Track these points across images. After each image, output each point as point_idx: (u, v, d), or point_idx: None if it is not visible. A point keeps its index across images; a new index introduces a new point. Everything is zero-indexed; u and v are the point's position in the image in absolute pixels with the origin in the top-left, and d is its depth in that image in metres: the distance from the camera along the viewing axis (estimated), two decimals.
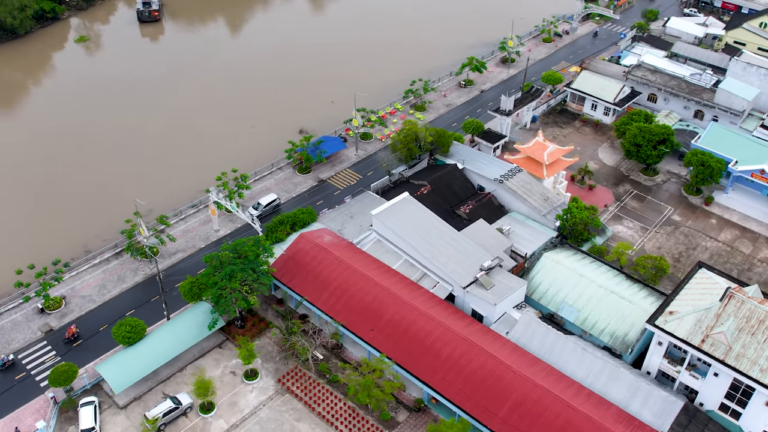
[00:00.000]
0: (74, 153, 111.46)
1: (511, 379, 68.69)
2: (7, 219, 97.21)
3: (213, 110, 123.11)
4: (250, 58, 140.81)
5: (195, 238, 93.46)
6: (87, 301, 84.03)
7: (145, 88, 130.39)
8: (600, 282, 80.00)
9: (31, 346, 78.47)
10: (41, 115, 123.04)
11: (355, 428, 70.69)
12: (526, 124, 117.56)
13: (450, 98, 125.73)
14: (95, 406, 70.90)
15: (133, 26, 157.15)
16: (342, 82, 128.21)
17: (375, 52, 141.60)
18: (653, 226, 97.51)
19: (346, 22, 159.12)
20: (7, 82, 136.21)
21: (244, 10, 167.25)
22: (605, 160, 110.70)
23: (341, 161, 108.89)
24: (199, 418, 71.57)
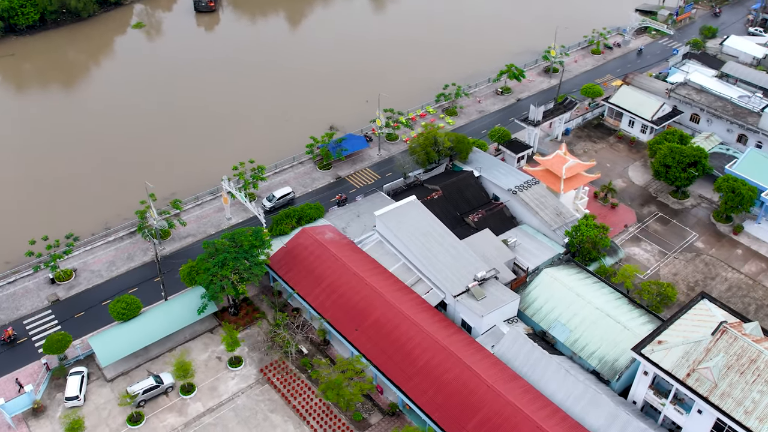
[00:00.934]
0: (118, 132, 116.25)
1: (484, 393, 67.33)
2: (43, 190, 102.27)
3: (252, 100, 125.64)
4: (298, 53, 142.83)
5: (207, 224, 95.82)
6: (95, 275, 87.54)
7: (192, 75, 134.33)
8: (597, 304, 77.34)
9: (36, 313, 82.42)
10: (95, 95, 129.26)
11: (327, 425, 70.96)
12: (557, 136, 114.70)
13: (484, 105, 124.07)
14: (83, 376, 73.83)
15: (189, 16, 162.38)
16: (379, 81, 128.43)
17: (416, 52, 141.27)
18: (673, 252, 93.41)
19: (396, 21, 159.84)
20: (70, 62, 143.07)
21: (304, 6, 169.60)
22: (635, 179, 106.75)
23: (363, 160, 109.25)
24: (179, 398, 73.44)
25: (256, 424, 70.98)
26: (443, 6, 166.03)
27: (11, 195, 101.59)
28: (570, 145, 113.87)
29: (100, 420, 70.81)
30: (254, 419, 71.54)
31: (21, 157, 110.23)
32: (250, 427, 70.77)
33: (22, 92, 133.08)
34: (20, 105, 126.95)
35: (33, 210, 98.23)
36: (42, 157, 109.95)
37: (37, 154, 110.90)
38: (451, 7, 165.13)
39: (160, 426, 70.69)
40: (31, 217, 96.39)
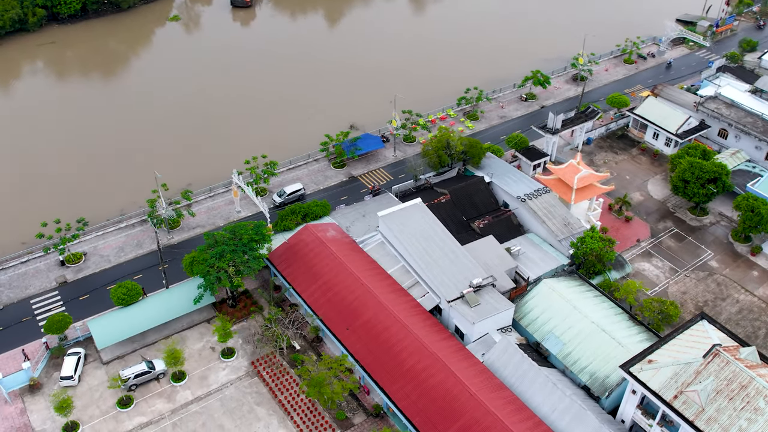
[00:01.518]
0: (147, 122, 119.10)
1: (466, 400, 66.64)
2: (69, 174, 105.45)
3: (277, 96, 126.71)
4: (329, 52, 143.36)
5: (217, 216, 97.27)
6: (104, 260, 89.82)
7: (222, 69, 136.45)
8: (594, 318, 75.70)
9: (44, 293, 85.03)
10: (129, 85, 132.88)
11: (310, 422, 71.28)
12: (578, 146, 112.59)
13: (507, 110, 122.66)
14: (79, 357, 75.83)
15: (226, 10, 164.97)
16: (405, 82, 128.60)
17: (444, 54, 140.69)
18: (684, 269, 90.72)
19: (431, 23, 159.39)
20: (109, 52, 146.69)
21: (343, 5, 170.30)
22: (653, 192, 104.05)
23: (377, 160, 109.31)
24: (169, 385, 74.77)
25: (240, 416, 71.78)
26: (480, 8, 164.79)
27: (38, 177, 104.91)
28: (590, 155, 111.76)
29: (92, 401, 72.65)
30: (239, 411, 72.34)
31: (53, 140, 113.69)
32: (234, 418, 71.62)
33: (63, 79, 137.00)
34: (60, 91, 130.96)
35: (55, 193, 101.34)
36: (73, 142, 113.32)
37: (68, 138, 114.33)
38: (485, 10, 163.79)
39: (148, 410, 72.11)
40: (52, 200, 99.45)
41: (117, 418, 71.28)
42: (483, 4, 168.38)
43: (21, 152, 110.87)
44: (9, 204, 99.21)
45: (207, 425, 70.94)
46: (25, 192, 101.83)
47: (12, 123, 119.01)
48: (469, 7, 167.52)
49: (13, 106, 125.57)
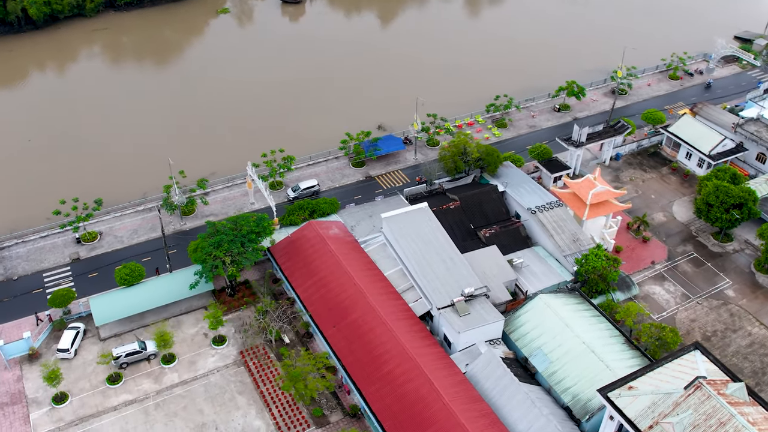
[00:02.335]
0: (187, 110, 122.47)
1: (438, 409, 65.88)
2: (107, 154, 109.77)
3: (311, 92, 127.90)
4: (369, 51, 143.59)
5: (230, 206, 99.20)
6: (117, 241, 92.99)
7: (264, 63, 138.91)
8: (586, 338, 73.49)
9: (56, 268, 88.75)
10: (177, 73, 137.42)
11: (287, 415, 71.94)
12: (605, 161, 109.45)
13: (537, 120, 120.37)
14: (78, 332, 78.76)
15: (276, 5, 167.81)
16: (439, 84, 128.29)
17: (483, 59, 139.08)
18: (698, 296, 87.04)
19: (479, 28, 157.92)
20: (163, 40, 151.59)
21: (397, 6, 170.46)
22: (678, 214, 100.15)
23: (397, 162, 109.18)
24: (159, 366, 76.80)
25: (221, 403, 73.12)
26: (522, 16, 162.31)
27: (77, 155, 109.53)
28: (617, 171, 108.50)
29: (84, 375, 75.41)
30: (221, 398, 73.69)
31: (97, 122, 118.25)
32: (215, 404, 73.01)
33: (112, 63, 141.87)
34: (108, 75, 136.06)
35: (88, 172, 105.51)
36: (114, 125, 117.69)
37: (111, 121, 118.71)
38: (528, 18, 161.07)
39: (134, 389, 74.33)
40: (83, 178, 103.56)
41: (105, 393, 73.77)
42: (527, 12, 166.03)
43: (64, 131, 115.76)
44: (45, 179, 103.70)
45: (188, 408, 72.59)
46: (62, 169, 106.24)
47: (62, 102, 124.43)
48: (511, 14, 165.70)
49: (64, 88, 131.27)
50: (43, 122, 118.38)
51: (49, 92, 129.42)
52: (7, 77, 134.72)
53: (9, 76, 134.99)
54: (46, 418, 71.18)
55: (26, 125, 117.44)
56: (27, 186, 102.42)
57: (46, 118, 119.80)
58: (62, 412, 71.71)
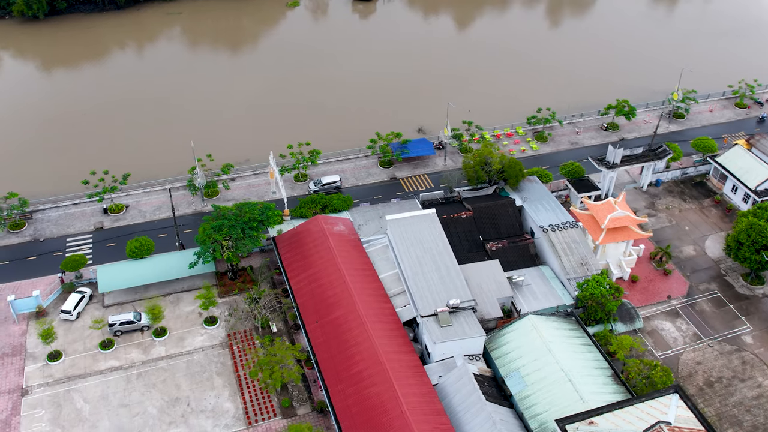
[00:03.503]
0: (240, 97, 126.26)
1: (395, 417, 65.19)
2: (157, 130, 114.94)
3: (365, 89, 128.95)
4: (430, 53, 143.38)
5: (252, 192, 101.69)
6: (141, 214, 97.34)
7: (325, 56, 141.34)
8: (567, 366, 70.51)
9: (80, 234, 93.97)
10: (238, 61, 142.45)
11: (256, 401, 73.25)
12: (643, 186, 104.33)
13: (581, 137, 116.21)
14: (84, 296, 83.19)
15: (348, 1, 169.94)
16: (487, 92, 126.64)
17: (534, 71, 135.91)
18: (710, 338, 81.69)
19: (549, 38, 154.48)
20: (239, 29, 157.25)
21: (474, 10, 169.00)
22: (709, 250, 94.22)
23: (425, 166, 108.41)
24: (150, 338, 79.98)
25: (198, 381, 75.34)
26: (584, 30, 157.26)
27: (129, 130, 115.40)
28: (655, 197, 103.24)
29: (81, 337, 79.57)
30: (200, 376, 75.92)
31: (161, 101, 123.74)
32: (192, 381, 75.31)
33: (186, 47, 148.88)
34: (181, 58, 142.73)
35: (134, 147, 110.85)
36: (174, 105, 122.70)
37: (175, 101, 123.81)
38: (589, 33, 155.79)
39: (122, 356, 77.80)
40: (127, 153, 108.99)
41: (95, 357, 77.62)
42: (589, 25, 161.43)
43: (124, 107, 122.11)
44: (90, 151, 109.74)
45: (167, 382, 75.27)
46: (109, 143, 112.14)
47: (129, 80, 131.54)
48: (573, 27, 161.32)
49: (134, 66, 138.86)
50: (106, 97, 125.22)
51: (119, 69, 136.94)
52: (83, 53, 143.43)
53: (84, 52, 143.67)
54: (38, 372, 75.73)
55: (90, 99, 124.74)
56: (73, 155, 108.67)
57: (111, 93, 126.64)
58: (53, 369, 76.07)
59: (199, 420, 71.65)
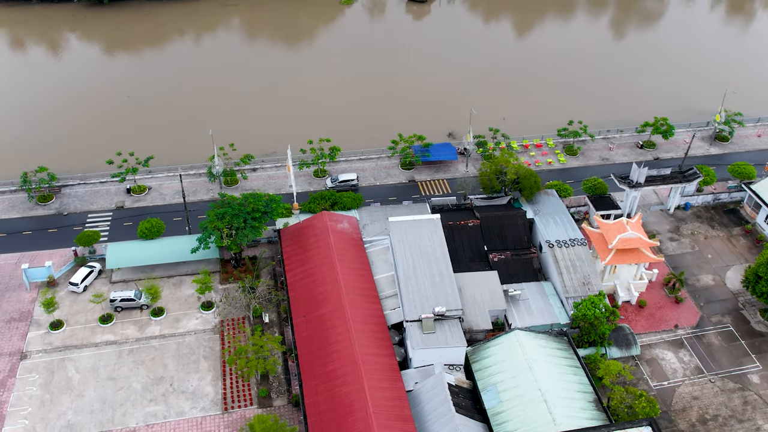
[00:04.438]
0: (283, 91, 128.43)
1: (359, 418, 65.05)
2: (196, 117, 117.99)
3: (404, 88, 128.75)
4: (482, 57, 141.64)
5: (270, 184, 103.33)
6: (160, 197, 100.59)
7: (372, 54, 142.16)
8: (545, 386, 68.35)
9: (101, 211, 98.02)
10: (285, 55, 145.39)
11: (235, 389, 74.59)
12: (670, 209, 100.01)
13: (614, 153, 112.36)
14: (93, 271, 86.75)
15: (402, 1, 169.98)
16: (524, 101, 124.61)
17: (580, 81, 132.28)
18: (713, 373, 77.65)
19: (606, 49, 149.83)
20: (296, 24, 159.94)
21: (537, 16, 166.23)
22: (729, 281, 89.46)
23: (446, 171, 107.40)
24: (147, 317, 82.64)
25: (184, 363, 77.33)
26: (638, 45, 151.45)
27: (170, 114, 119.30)
28: (680, 221, 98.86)
29: (84, 310, 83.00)
30: (187, 358, 77.90)
31: (204, 90, 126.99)
32: (179, 363, 77.37)
33: (247, 41, 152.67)
34: (236, 51, 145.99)
35: (173, 131, 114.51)
36: (219, 94, 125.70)
37: (222, 91, 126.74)
38: (643, 47, 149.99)
39: (118, 332, 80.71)
40: (163, 135, 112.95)
41: (93, 330, 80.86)
42: (651, 38, 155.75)
43: (170, 91, 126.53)
44: (127, 133, 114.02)
45: (155, 360, 77.64)
46: (148, 125, 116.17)
47: (177, 66, 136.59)
48: (634, 39, 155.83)
49: (187, 54, 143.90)
50: (157, 82, 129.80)
51: (174, 56, 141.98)
52: (143, 38, 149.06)
53: (145, 37, 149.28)
54: (39, 339, 79.53)
55: (143, 82, 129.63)
56: (111, 135, 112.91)
57: (163, 78, 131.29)
58: (53, 338, 79.72)
59: (179, 400, 73.61)
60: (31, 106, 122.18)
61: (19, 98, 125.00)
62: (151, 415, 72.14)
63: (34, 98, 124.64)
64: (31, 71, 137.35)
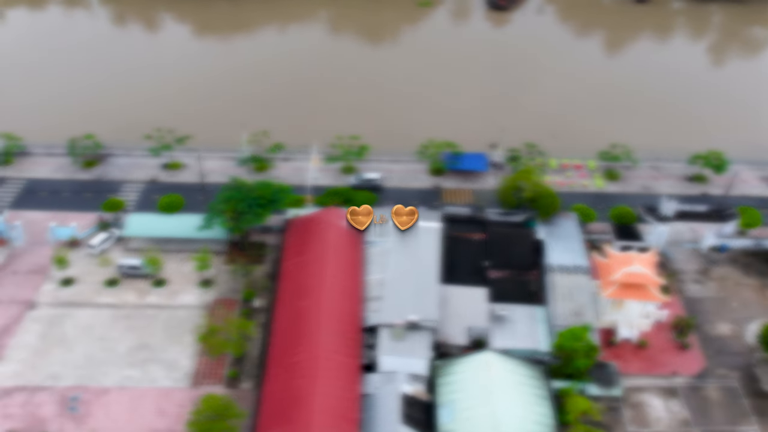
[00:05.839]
0: (349, 84, 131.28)
1: (303, 413, 65.78)
2: (262, 102, 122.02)
3: (462, 95, 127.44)
4: (553, 71, 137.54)
5: (296, 176, 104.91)
6: (192, 175, 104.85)
7: (444, 58, 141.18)
8: (503, 414, 66.30)
9: (135, 182, 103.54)
10: (353, 51, 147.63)
11: (207, 366, 77.12)
12: (703, 248, 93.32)
13: (658, 183, 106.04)
14: (111, 236, 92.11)
15: (481, 8, 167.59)
16: (588, 120, 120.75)
17: (654, 107, 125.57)
18: (702, 428, 72.05)
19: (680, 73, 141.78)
20: (378, 23, 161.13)
21: (630, 34, 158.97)
22: (749, 335, 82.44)
23: (474, 181, 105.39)
24: (149, 286, 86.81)
25: (171, 335, 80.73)
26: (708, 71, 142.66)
27: (233, 97, 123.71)
28: (713, 263, 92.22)
29: (94, 271, 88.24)
30: (173, 330, 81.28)
31: (276, 79, 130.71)
32: (166, 333, 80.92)
33: (332, 35, 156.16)
34: (318, 45, 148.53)
35: (224, 114, 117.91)
36: (283, 83, 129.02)
37: (290, 79, 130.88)
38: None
39: (120, 295, 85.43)
40: (215, 118, 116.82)
41: (98, 291, 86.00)
42: (751, 68, 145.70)
43: (239, 75, 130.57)
44: (189, 108, 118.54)
45: (145, 328, 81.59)
46: (204, 106, 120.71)
47: (259, 54, 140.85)
48: (731, 67, 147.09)
49: (270, 41, 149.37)
50: (233, 65, 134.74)
51: (257, 44, 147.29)
52: (232, 23, 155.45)
53: (233, 23, 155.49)
54: (48, 293, 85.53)
55: (214, 64, 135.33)
56: (171, 111, 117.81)
57: (239, 62, 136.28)
58: (61, 294, 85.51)
59: (155, 369, 77.14)
60: (114, 75, 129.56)
61: (101, 67, 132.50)
62: (127, 378, 76.08)
63: (121, 70, 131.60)
64: (121, 48, 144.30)
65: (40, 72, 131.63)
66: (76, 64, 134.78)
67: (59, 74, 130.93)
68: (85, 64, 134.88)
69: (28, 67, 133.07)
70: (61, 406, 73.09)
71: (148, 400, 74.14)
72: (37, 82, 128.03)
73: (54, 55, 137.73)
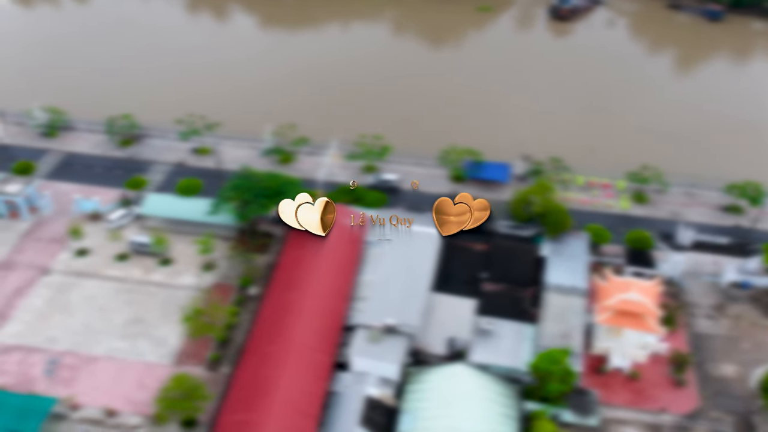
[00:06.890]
0: (388, 84, 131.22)
1: (264, 403, 67.24)
2: (320, 94, 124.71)
3: (506, 104, 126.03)
4: (610, 88, 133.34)
5: (316, 170, 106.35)
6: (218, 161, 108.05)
7: (496, 66, 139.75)
8: (462, 428, 65.13)
9: (162, 164, 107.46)
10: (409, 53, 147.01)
11: (191, 347, 79.41)
12: (722, 283, 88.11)
13: (688, 210, 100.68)
14: (130, 212, 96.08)
15: (543, 18, 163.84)
16: (627, 138, 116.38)
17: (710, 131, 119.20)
18: None
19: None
20: (439, 25, 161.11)
21: (705, 52, 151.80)
22: (754, 380, 77.24)
23: (495, 191, 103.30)
24: (156, 265, 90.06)
25: (165, 313, 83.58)
26: None
27: (281, 88, 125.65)
28: (731, 300, 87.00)
29: (108, 244, 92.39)
30: (168, 308, 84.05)
31: (323, 71, 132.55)
32: (160, 311, 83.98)
33: (395, 35, 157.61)
34: (379, 44, 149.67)
35: (267, 105, 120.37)
36: (353, 79, 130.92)
37: (340, 75, 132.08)
38: None
39: (127, 270, 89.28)
40: (253, 107, 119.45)
41: (108, 264, 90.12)
42: None
43: (291, 68, 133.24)
44: (234, 95, 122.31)
45: (142, 304, 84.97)
46: (248, 95, 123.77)
47: (317, 49, 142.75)
48: None
49: (330, 37, 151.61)
50: (288, 60, 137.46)
51: (316, 39, 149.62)
52: (295, 18, 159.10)
53: (296, 17, 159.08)
54: (62, 262, 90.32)
55: (270, 56, 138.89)
56: (206, 98, 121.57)
57: (295, 56, 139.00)
58: (74, 263, 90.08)
59: (143, 344, 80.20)
60: (173, 61, 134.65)
61: (162, 52, 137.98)
62: (115, 349, 79.51)
63: (178, 55, 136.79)
64: (185, 35, 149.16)
65: (100, 52, 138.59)
66: (139, 48, 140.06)
67: (117, 55, 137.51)
68: (149, 48, 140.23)
69: (90, 47, 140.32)
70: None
71: (132, 372, 77.27)
72: (95, 62, 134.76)
73: (114, 38, 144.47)
